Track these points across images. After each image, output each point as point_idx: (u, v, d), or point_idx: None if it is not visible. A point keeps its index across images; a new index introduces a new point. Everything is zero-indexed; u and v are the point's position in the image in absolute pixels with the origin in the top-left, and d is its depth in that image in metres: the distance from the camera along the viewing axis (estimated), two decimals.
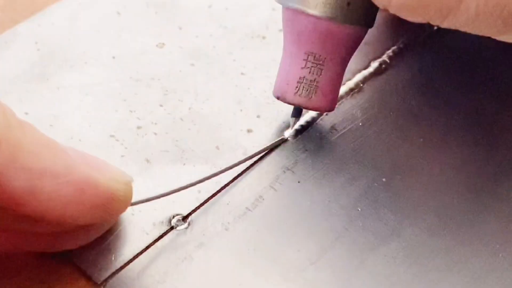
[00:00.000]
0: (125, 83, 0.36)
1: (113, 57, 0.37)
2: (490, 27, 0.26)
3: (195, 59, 0.37)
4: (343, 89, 0.35)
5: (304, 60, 0.31)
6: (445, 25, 0.27)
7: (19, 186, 0.23)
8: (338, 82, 0.32)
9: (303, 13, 0.31)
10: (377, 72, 0.36)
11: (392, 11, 0.28)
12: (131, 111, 0.34)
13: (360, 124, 0.34)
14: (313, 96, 0.31)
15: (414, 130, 0.34)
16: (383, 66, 0.36)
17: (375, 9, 0.31)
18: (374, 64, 0.37)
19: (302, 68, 0.31)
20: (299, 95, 0.32)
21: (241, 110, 0.35)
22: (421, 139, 0.34)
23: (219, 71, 0.36)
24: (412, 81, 0.36)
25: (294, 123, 0.33)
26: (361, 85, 0.36)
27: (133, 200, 0.29)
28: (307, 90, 0.31)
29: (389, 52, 0.37)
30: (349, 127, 0.34)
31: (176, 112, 0.34)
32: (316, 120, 0.34)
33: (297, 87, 0.31)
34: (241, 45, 0.37)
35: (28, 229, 0.27)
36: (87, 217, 0.26)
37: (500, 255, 0.30)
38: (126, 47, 0.37)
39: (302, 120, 0.34)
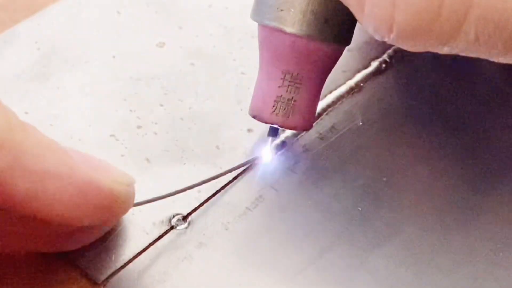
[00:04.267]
0: (125, 82, 0.36)
1: (113, 57, 0.37)
2: (490, 50, 0.26)
3: (195, 58, 0.37)
4: (343, 88, 0.35)
5: (281, 78, 0.30)
6: (445, 51, 0.27)
7: (22, 188, 0.24)
8: (316, 101, 0.32)
9: (280, 31, 0.30)
10: (377, 71, 0.36)
11: (391, 41, 0.27)
12: (131, 111, 0.34)
13: (360, 123, 0.34)
14: (290, 115, 0.31)
15: (414, 129, 0.34)
16: (383, 65, 0.36)
17: (353, 26, 0.30)
18: (375, 64, 0.36)
19: (279, 86, 0.31)
20: (276, 114, 0.31)
21: (241, 110, 0.35)
22: (421, 139, 0.34)
23: (219, 70, 0.36)
24: (412, 80, 0.36)
25: (272, 142, 0.33)
26: (361, 84, 0.36)
27: (135, 201, 0.28)
28: (284, 109, 0.31)
29: (390, 51, 0.37)
30: (349, 126, 0.34)
31: (176, 111, 0.34)
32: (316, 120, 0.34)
33: (274, 106, 0.31)
34: (241, 44, 0.37)
35: (31, 231, 0.27)
36: (90, 219, 0.26)
37: (501, 254, 0.30)
38: (126, 46, 0.37)
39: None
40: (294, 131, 0.33)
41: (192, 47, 0.37)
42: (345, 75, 0.36)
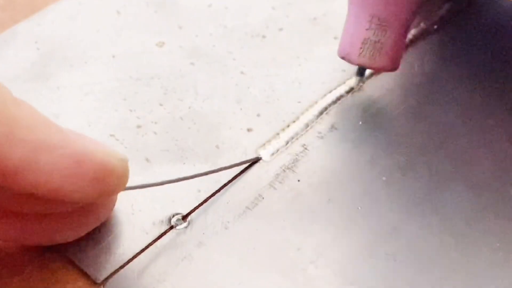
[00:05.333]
0: (125, 82, 0.35)
1: (113, 56, 0.37)
2: None
3: (195, 58, 0.37)
4: (343, 88, 0.35)
5: (368, 21, 0.32)
6: None
7: (16, 159, 0.23)
8: (402, 42, 0.33)
9: None
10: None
11: None
12: (131, 110, 0.34)
13: (360, 123, 0.34)
14: (377, 57, 0.32)
15: (414, 128, 0.34)
16: None
17: None
18: None
19: (367, 29, 0.32)
20: (363, 56, 0.32)
21: (241, 109, 0.35)
22: (421, 138, 0.34)
23: (219, 70, 0.36)
24: (412, 79, 0.36)
25: (358, 82, 0.35)
26: (362, 84, 0.36)
27: (129, 185, 0.28)
28: (371, 51, 0.32)
29: None
30: (349, 125, 0.34)
31: (176, 111, 0.34)
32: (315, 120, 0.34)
33: (361, 48, 0.32)
34: (241, 44, 0.37)
35: (26, 209, 0.27)
36: (85, 192, 0.25)
37: (500, 253, 0.30)
38: (126, 46, 0.37)
39: (301, 123, 0.34)
40: None
41: (192, 47, 0.37)
42: (345, 75, 0.36)
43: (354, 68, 0.36)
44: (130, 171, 0.29)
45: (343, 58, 0.33)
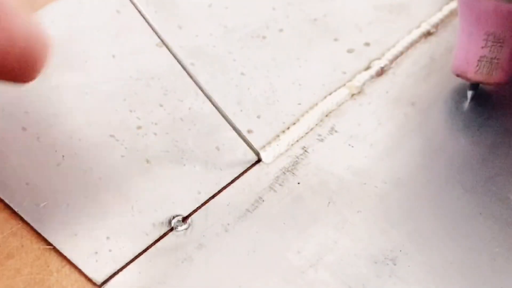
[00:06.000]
0: (125, 82, 0.35)
1: (113, 56, 0.36)
2: None
3: (195, 58, 0.37)
4: (344, 91, 0.35)
5: (484, 40, 0.33)
6: None
7: None
8: None
9: None
10: (378, 73, 0.36)
11: None
12: (131, 111, 0.34)
13: (360, 125, 0.34)
14: (493, 73, 0.33)
15: (414, 131, 0.34)
16: (384, 68, 0.36)
17: None
18: (375, 65, 0.36)
19: (482, 47, 0.33)
20: (480, 73, 0.33)
21: (241, 110, 0.35)
22: (421, 140, 0.34)
23: (219, 70, 0.36)
24: (412, 82, 0.36)
25: (472, 96, 0.35)
26: (362, 86, 0.36)
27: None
28: (488, 68, 0.33)
29: (389, 54, 0.37)
30: (349, 128, 0.34)
31: (176, 112, 0.34)
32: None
33: (477, 65, 0.33)
34: (241, 44, 0.37)
35: None
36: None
37: (499, 257, 0.30)
38: (126, 46, 0.37)
39: (301, 125, 0.34)
40: None
41: (192, 47, 0.37)
42: (346, 77, 0.36)
43: (355, 70, 0.36)
44: (130, 172, 0.29)
45: (458, 75, 0.34)
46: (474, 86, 0.35)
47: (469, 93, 0.35)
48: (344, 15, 0.39)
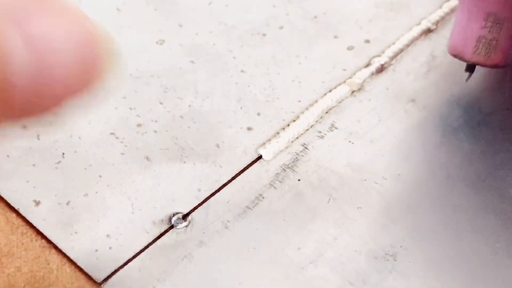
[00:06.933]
0: (125, 80, 0.35)
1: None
2: None
3: (195, 56, 0.37)
4: (344, 88, 0.35)
5: (484, 20, 0.32)
6: None
7: None
8: None
9: None
10: (378, 70, 0.36)
11: None
12: (131, 109, 0.34)
13: (360, 122, 0.34)
14: (492, 54, 0.32)
15: (414, 127, 0.34)
16: (384, 65, 0.36)
17: None
18: (375, 62, 0.36)
19: (482, 28, 0.32)
20: (478, 54, 0.32)
21: (241, 108, 0.35)
22: (422, 137, 0.34)
23: (219, 68, 0.36)
24: (412, 79, 0.36)
25: (468, 77, 0.34)
26: (362, 83, 0.36)
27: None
28: (486, 49, 0.32)
29: (389, 51, 0.37)
30: (349, 124, 0.34)
31: (176, 109, 0.34)
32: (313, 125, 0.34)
33: (476, 46, 0.32)
34: (241, 42, 0.37)
35: None
36: None
37: (500, 252, 0.30)
38: (126, 43, 0.37)
39: (301, 122, 0.34)
40: None
41: (192, 45, 0.37)
42: (346, 74, 0.36)
43: (355, 67, 0.36)
44: (131, 169, 0.29)
45: (454, 56, 0.33)
46: (471, 67, 0.34)
47: (466, 75, 0.34)
48: (344, 12, 0.39)
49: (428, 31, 0.38)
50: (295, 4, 0.39)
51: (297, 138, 0.33)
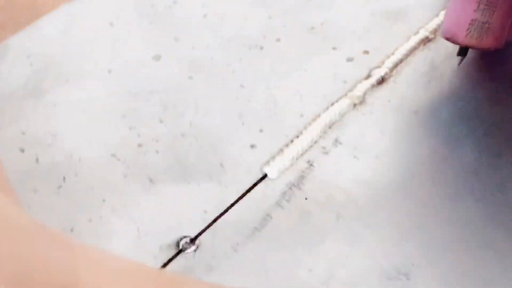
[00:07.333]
0: (123, 97, 0.35)
1: (109, 71, 0.36)
2: None
3: (193, 71, 0.36)
4: (346, 102, 0.35)
5: (477, 2, 0.32)
6: None
7: None
8: (508, 21, 0.33)
9: None
10: (379, 82, 0.36)
11: None
12: (130, 128, 0.33)
13: (364, 136, 0.34)
14: (484, 38, 0.32)
15: (419, 140, 0.34)
16: (385, 76, 0.36)
17: None
18: (375, 75, 0.36)
19: (475, 10, 0.32)
20: (470, 37, 0.32)
21: (243, 124, 0.34)
22: (427, 150, 0.33)
23: (218, 83, 0.36)
24: (414, 90, 0.36)
25: (461, 61, 0.34)
26: (363, 96, 0.35)
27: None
28: (478, 32, 0.32)
29: (388, 62, 0.37)
30: (352, 139, 0.34)
31: (177, 127, 0.34)
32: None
33: (468, 29, 0.32)
34: (239, 56, 0.37)
35: None
36: None
37: (509, 269, 0.30)
38: (121, 60, 0.36)
39: (305, 138, 0.33)
40: None
41: (189, 59, 0.36)
42: (346, 86, 0.36)
43: (355, 79, 0.36)
44: (134, 192, 0.28)
45: (447, 39, 0.33)
46: (464, 51, 0.34)
47: (458, 59, 0.35)
48: (341, 22, 0.38)
49: (426, 40, 0.38)
50: (291, 15, 0.39)
51: (301, 155, 0.33)
